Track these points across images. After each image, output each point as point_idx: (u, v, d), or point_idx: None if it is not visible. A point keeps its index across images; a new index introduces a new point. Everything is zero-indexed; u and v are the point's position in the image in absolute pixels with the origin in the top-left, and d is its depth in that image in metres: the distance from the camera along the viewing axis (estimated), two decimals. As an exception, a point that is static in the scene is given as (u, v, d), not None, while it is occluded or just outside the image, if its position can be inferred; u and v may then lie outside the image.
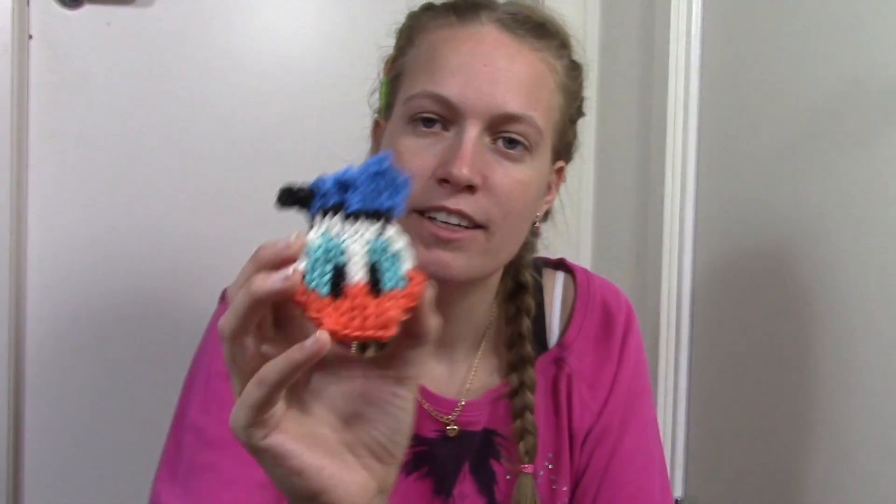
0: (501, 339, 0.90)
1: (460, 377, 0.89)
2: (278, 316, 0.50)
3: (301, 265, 0.47)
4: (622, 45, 1.49)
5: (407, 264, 0.49)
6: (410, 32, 0.83)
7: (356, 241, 0.48)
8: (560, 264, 0.96)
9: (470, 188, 0.75)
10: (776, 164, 1.16)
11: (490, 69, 0.77)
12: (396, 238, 0.49)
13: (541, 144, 0.79)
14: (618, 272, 1.49)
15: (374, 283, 0.48)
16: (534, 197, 0.81)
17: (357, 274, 0.48)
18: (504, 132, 0.77)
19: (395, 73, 0.83)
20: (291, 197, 0.48)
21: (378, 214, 0.49)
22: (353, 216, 0.48)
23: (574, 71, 0.85)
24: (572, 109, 0.85)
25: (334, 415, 0.52)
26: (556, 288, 0.94)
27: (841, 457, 1.04)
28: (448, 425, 0.87)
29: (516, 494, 0.85)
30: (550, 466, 0.89)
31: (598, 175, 1.56)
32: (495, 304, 0.90)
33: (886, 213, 0.98)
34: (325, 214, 0.48)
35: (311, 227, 0.48)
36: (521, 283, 0.90)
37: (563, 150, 0.86)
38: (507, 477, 0.87)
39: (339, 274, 0.47)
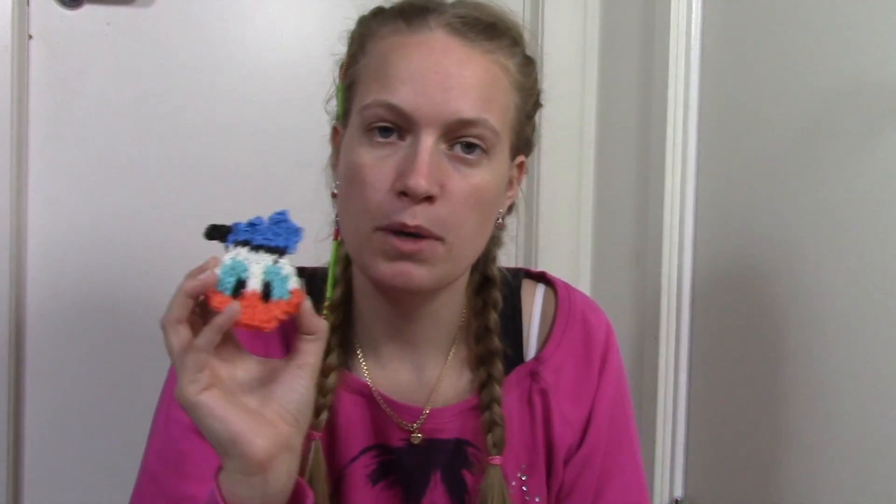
0: (471, 337, 0.89)
1: (430, 384, 0.88)
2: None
3: (216, 272, 0.66)
4: (622, 45, 1.49)
5: (292, 284, 0.67)
6: (362, 39, 0.83)
7: (256, 264, 0.67)
8: (541, 277, 0.95)
9: (429, 198, 0.75)
10: (776, 164, 1.16)
11: (441, 76, 0.76)
12: (286, 266, 0.68)
13: (498, 145, 0.79)
14: (618, 272, 1.49)
15: (266, 294, 0.66)
16: (493, 198, 0.81)
17: (253, 286, 0.66)
18: (460, 138, 0.77)
19: (350, 81, 0.83)
20: (216, 231, 0.68)
21: (276, 249, 0.68)
22: (257, 248, 0.68)
23: (528, 67, 0.84)
24: (528, 105, 0.85)
25: (253, 389, 0.68)
26: (535, 300, 0.93)
27: (842, 456, 1.04)
28: (413, 433, 0.86)
29: (483, 486, 0.84)
30: (524, 478, 0.89)
31: (598, 175, 1.56)
32: (466, 307, 0.90)
33: (887, 213, 0.98)
34: (236, 245, 0.68)
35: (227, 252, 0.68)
36: (487, 276, 0.90)
37: (522, 145, 0.86)
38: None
39: (241, 284, 0.66)
